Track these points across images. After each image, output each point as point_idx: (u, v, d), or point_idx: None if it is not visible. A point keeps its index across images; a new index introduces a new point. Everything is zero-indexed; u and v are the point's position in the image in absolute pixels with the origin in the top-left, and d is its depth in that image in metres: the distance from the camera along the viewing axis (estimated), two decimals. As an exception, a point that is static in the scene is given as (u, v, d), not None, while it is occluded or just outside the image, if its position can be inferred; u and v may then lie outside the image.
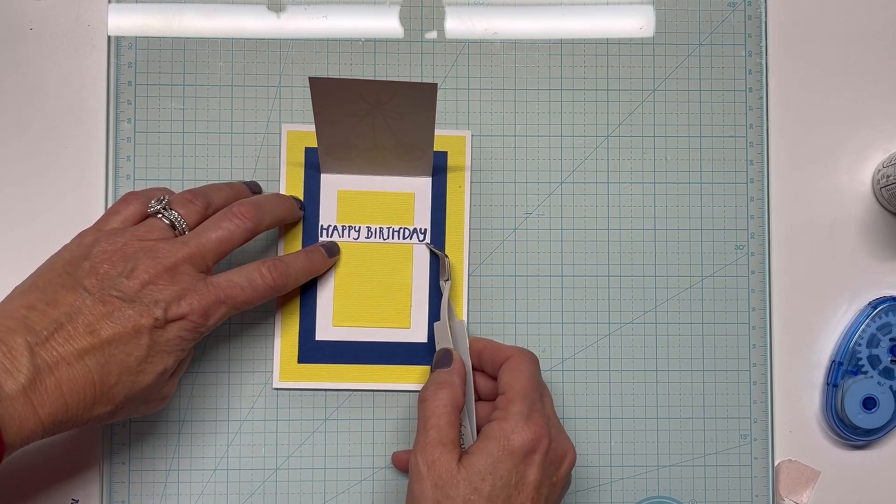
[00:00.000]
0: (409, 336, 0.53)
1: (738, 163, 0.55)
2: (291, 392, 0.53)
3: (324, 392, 0.53)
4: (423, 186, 0.54)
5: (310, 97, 0.53)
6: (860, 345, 0.54)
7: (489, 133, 0.55)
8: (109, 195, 0.54)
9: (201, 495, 0.53)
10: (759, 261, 0.55)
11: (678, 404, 0.54)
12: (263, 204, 0.48)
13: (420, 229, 0.54)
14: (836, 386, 0.54)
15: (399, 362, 0.53)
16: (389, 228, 0.54)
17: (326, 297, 0.53)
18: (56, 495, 0.52)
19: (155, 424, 0.53)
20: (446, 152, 0.54)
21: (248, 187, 0.51)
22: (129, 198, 0.47)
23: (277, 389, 0.53)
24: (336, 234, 0.53)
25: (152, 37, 0.55)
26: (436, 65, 0.55)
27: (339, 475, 0.53)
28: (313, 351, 0.53)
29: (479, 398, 0.50)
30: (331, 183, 0.54)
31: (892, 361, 0.54)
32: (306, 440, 0.53)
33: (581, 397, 0.54)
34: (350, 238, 0.53)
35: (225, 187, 0.49)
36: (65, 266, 0.43)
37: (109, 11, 0.55)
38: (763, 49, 0.56)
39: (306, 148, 0.54)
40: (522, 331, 0.54)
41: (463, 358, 0.49)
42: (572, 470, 0.47)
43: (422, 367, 0.53)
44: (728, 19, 0.56)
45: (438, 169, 0.54)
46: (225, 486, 0.53)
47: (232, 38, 0.55)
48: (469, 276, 0.54)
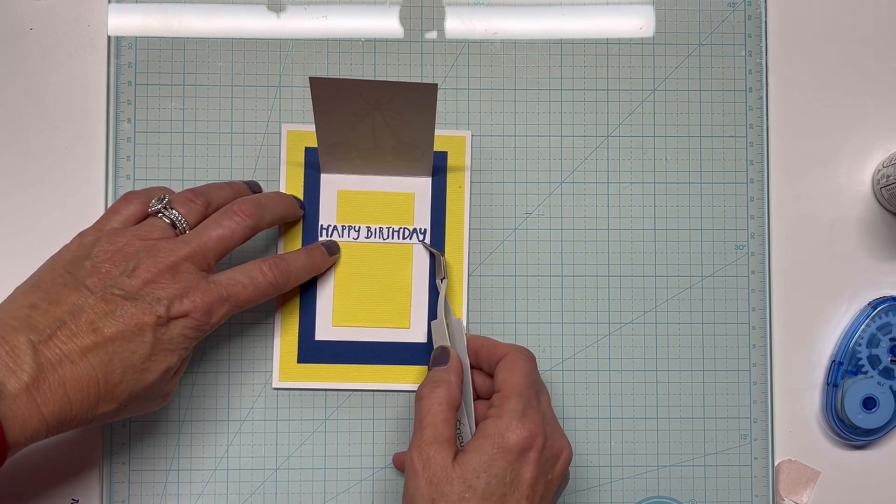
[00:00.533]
0: (409, 336, 0.53)
1: (738, 163, 0.55)
2: (291, 392, 0.53)
3: (324, 392, 0.54)
4: (423, 186, 0.54)
5: (310, 97, 0.53)
6: (860, 345, 0.54)
7: (489, 133, 0.55)
8: (109, 195, 0.54)
9: (201, 495, 0.53)
10: (759, 261, 0.55)
11: (678, 404, 0.54)
12: (264, 202, 0.48)
13: (420, 229, 0.54)
14: (836, 386, 0.54)
15: (399, 362, 0.53)
16: (389, 228, 0.54)
17: (326, 297, 0.53)
18: (56, 495, 0.52)
19: (155, 424, 0.53)
20: (446, 152, 0.54)
21: (249, 187, 0.51)
22: (130, 197, 0.47)
23: (277, 389, 0.53)
24: (336, 234, 0.53)
25: (152, 37, 0.55)
26: (436, 65, 0.55)
27: (339, 475, 0.53)
28: (313, 351, 0.53)
29: (478, 396, 0.50)
30: (331, 183, 0.54)
31: (892, 361, 0.54)
32: (306, 440, 0.53)
33: (581, 397, 0.54)
34: (350, 238, 0.53)
35: (225, 186, 0.49)
36: (66, 266, 0.43)
37: (109, 11, 0.55)
38: (763, 49, 0.56)
39: (306, 148, 0.54)
40: (522, 331, 0.54)
41: (460, 355, 0.49)
42: (569, 467, 0.47)
43: (421, 367, 0.53)
44: (728, 19, 0.56)
45: (438, 169, 0.54)
46: (225, 486, 0.53)
47: (232, 38, 0.55)
48: (469, 276, 0.54)
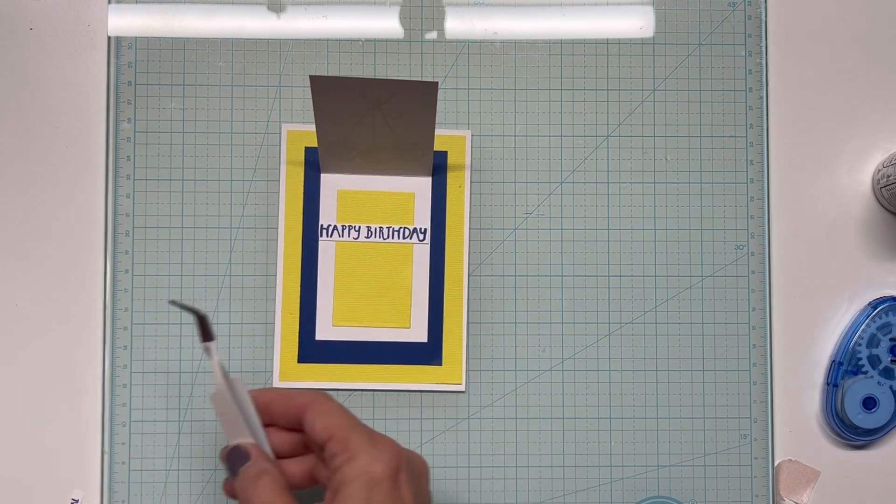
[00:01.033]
0: (409, 336, 0.53)
1: (738, 163, 0.55)
2: (291, 392, 0.53)
3: (324, 392, 0.53)
4: (423, 186, 0.54)
5: (310, 97, 0.54)
6: (860, 345, 0.54)
7: (489, 133, 0.55)
8: (109, 195, 0.54)
9: (201, 495, 0.53)
10: (759, 261, 0.55)
11: (678, 404, 0.54)
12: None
13: (420, 229, 0.54)
14: (836, 386, 0.54)
15: (399, 362, 0.53)
16: (389, 228, 0.54)
17: (326, 297, 0.53)
18: (56, 495, 0.52)
19: (155, 424, 0.53)
20: (446, 152, 0.54)
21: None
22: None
23: (277, 389, 0.53)
24: (336, 234, 0.53)
25: (152, 37, 0.55)
26: (436, 65, 0.55)
27: (339, 475, 0.53)
28: (313, 351, 0.53)
29: (281, 456, 0.45)
30: (331, 182, 0.54)
31: (892, 361, 0.54)
32: (306, 440, 0.53)
33: (581, 397, 0.54)
34: (350, 238, 0.53)
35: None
36: None
37: (109, 11, 0.55)
38: (763, 49, 0.56)
39: (306, 147, 0.54)
40: (522, 331, 0.54)
41: (253, 430, 0.44)
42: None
43: (421, 367, 0.53)
44: (728, 19, 0.56)
45: (438, 168, 0.54)
46: (225, 486, 0.53)
47: (232, 38, 0.55)
48: (469, 276, 0.54)
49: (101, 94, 0.54)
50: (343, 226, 0.53)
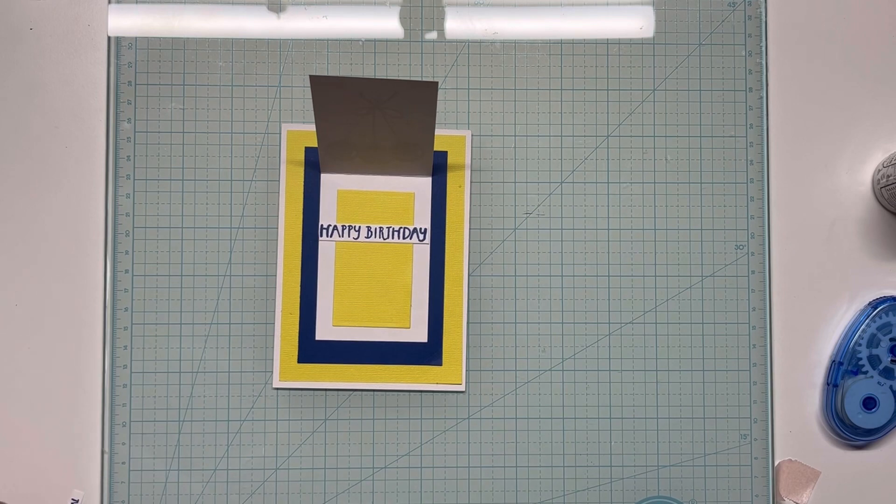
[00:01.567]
0: (409, 336, 0.53)
1: (738, 163, 0.55)
2: (291, 392, 0.53)
3: (324, 392, 0.53)
4: (423, 186, 0.54)
5: (310, 97, 0.54)
6: (860, 345, 0.54)
7: (489, 133, 0.55)
8: (109, 195, 0.54)
9: (201, 495, 0.53)
10: (759, 261, 0.55)
11: (678, 404, 0.54)
12: None
13: (420, 229, 0.54)
14: (836, 386, 0.54)
15: (399, 362, 0.53)
16: (389, 228, 0.54)
17: (326, 297, 0.53)
18: (56, 495, 0.52)
19: (155, 424, 0.53)
20: (446, 152, 0.54)
21: None
22: None
23: (277, 389, 0.53)
24: (336, 234, 0.53)
25: (152, 37, 0.55)
26: (436, 65, 0.55)
27: (339, 475, 0.53)
28: (313, 351, 0.53)
29: None
30: (331, 182, 0.54)
31: (892, 361, 0.54)
32: (306, 440, 0.53)
33: (581, 397, 0.54)
34: (350, 237, 0.53)
35: None
36: None
37: (109, 11, 0.55)
38: (763, 49, 0.56)
39: (306, 147, 0.54)
40: (522, 331, 0.54)
41: None
42: None
43: (421, 367, 0.53)
44: (728, 19, 0.56)
45: (438, 168, 0.54)
46: (225, 486, 0.53)
47: (232, 38, 0.55)
48: (469, 276, 0.54)
49: (101, 94, 0.54)
50: (343, 226, 0.53)
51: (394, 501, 0.53)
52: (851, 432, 0.54)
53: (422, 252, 0.54)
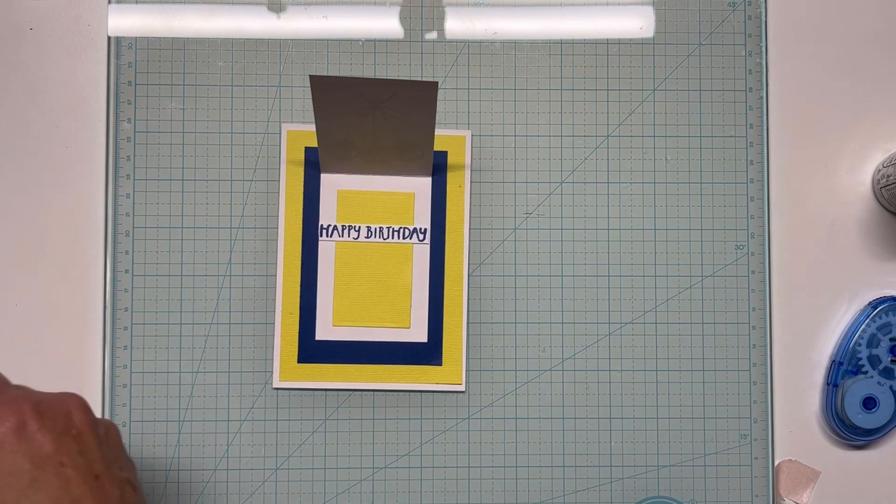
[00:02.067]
0: (409, 336, 0.53)
1: (738, 163, 0.55)
2: (291, 392, 0.53)
3: (324, 392, 0.53)
4: (423, 186, 0.54)
5: (310, 97, 0.54)
6: (860, 345, 0.54)
7: (489, 133, 0.55)
8: (109, 195, 0.54)
9: (201, 495, 0.53)
10: (759, 261, 0.55)
11: (678, 404, 0.54)
12: None
13: (420, 229, 0.54)
14: (836, 386, 0.54)
15: (399, 362, 0.53)
16: (389, 228, 0.54)
17: (326, 297, 0.53)
18: (56, 495, 0.52)
19: (155, 424, 0.53)
20: (446, 152, 0.54)
21: None
22: None
23: (277, 389, 0.53)
24: (336, 234, 0.53)
25: (152, 37, 0.55)
26: (436, 65, 0.55)
27: (339, 475, 0.53)
28: (313, 350, 0.53)
29: None
30: (331, 182, 0.54)
31: (892, 361, 0.54)
32: (306, 440, 0.53)
33: (581, 397, 0.54)
34: (350, 238, 0.53)
35: None
36: None
37: (109, 11, 0.55)
38: (763, 49, 0.56)
39: (306, 147, 0.54)
40: (522, 331, 0.54)
41: None
42: (101, 419, 0.41)
43: (421, 367, 0.53)
44: (728, 19, 0.56)
45: (438, 168, 0.54)
46: (225, 486, 0.53)
47: (232, 38, 0.55)
48: (469, 276, 0.54)
49: (101, 95, 0.54)
50: (343, 226, 0.53)
51: (394, 501, 0.53)
52: (851, 432, 0.54)
53: (422, 252, 0.54)
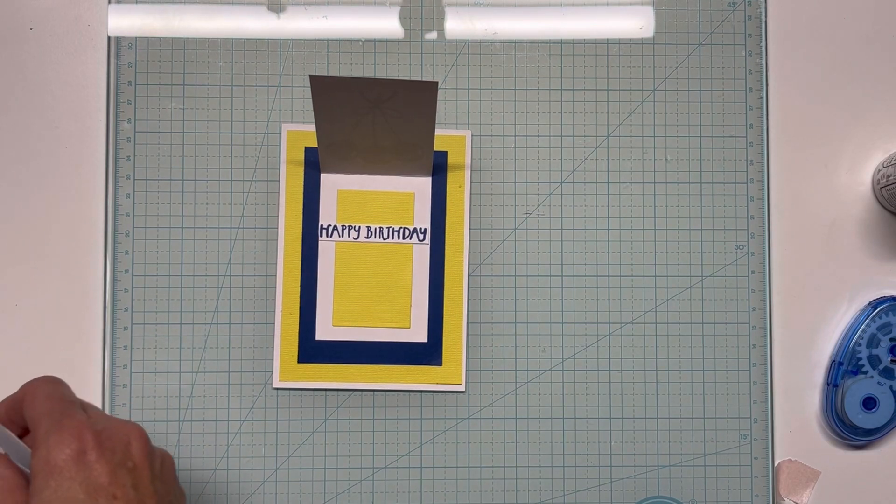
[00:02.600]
0: (409, 336, 0.53)
1: (738, 163, 0.55)
2: (291, 392, 0.53)
3: (324, 392, 0.53)
4: (423, 186, 0.54)
5: (310, 97, 0.54)
6: (860, 345, 0.54)
7: (489, 133, 0.55)
8: (109, 195, 0.54)
9: (201, 495, 0.53)
10: (759, 261, 0.55)
11: (678, 404, 0.54)
12: None
13: (420, 229, 0.54)
14: (836, 386, 0.54)
15: (399, 362, 0.53)
16: (389, 228, 0.54)
17: (326, 297, 0.53)
18: (56, 495, 0.52)
19: (155, 424, 0.53)
20: (446, 152, 0.54)
21: None
22: None
23: (277, 389, 0.53)
24: (336, 234, 0.53)
25: (152, 37, 0.55)
26: (436, 65, 0.55)
27: (339, 475, 0.53)
28: (313, 351, 0.53)
29: None
30: (331, 182, 0.54)
31: (892, 361, 0.54)
32: (306, 440, 0.53)
33: (581, 397, 0.54)
34: (350, 238, 0.53)
35: None
36: None
37: (109, 11, 0.55)
38: (763, 49, 0.56)
39: (306, 147, 0.54)
40: (522, 331, 0.54)
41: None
42: (158, 448, 0.41)
43: (421, 367, 0.53)
44: (728, 19, 0.56)
45: (438, 168, 0.54)
46: (225, 486, 0.53)
47: (232, 38, 0.55)
48: (469, 276, 0.54)
49: (101, 95, 0.54)
50: (343, 226, 0.53)
51: (394, 501, 0.53)
52: (851, 432, 0.54)
53: (422, 252, 0.54)
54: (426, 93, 0.46)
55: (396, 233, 0.54)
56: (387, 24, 0.55)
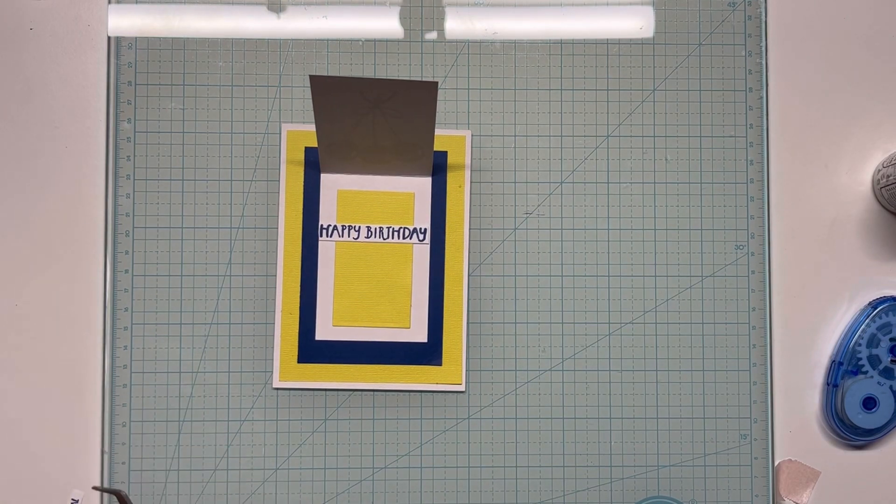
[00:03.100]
0: (409, 336, 0.53)
1: (738, 163, 0.55)
2: (291, 392, 0.53)
3: (324, 392, 0.53)
4: (423, 186, 0.54)
5: (310, 97, 0.54)
6: (860, 345, 0.54)
7: (489, 133, 0.55)
8: (109, 195, 0.54)
9: (201, 495, 0.53)
10: (759, 261, 0.55)
11: (678, 404, 0.54)
12: None
13: (420, 229, 0.54)
14: (836, 386, 0.54)
15: (399, 362, 0.53)
16: (389, 228, 0.54)
17: (326, 297, 0.53)
18: (56, 495, 0.52)
19: (155, 424, 0.53)
20: (446, 152, 0.54)
21: None
22: None
23: (277, 389, 0.53)
24: (336, 234, 0.53)
25: (152, 37, 0.55)
26: (436, 65, 0.55)
27: (339, 475, 0.53)
28: (313, 351, 0.53)
29: None
30: (331, 182, 0.54)
31: (892, 361, 0.54)
32: (306, 440, 0.53)
33: (581, 397, 0.54)
34: (350, 238, 0.53)
35: None
36: None
37: (109, 11, 0.55)
38: (763, 49, 0.56)
39: (306, 147, 0.54)
40: (522, 331, 0.54)
41: None
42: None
43: (421, 367, 0.53)
44: (728, 19, 0.56)
45: (438, 168, 0.54)
46: (225, 486, 0.53)
47: (232, 38, 0.55)
48: (469, 276, 0.54)
49: (101, 95, 0.54)
50: (343, 226, 0.53)
51: (394, 501, 0.53)
52: (851, 432, 0.54)
53: (422, 252, 0.54)
54: (426, 93, 0.46)
55: (396, 233, 0.54)
56: (387, 24, 0.55)
